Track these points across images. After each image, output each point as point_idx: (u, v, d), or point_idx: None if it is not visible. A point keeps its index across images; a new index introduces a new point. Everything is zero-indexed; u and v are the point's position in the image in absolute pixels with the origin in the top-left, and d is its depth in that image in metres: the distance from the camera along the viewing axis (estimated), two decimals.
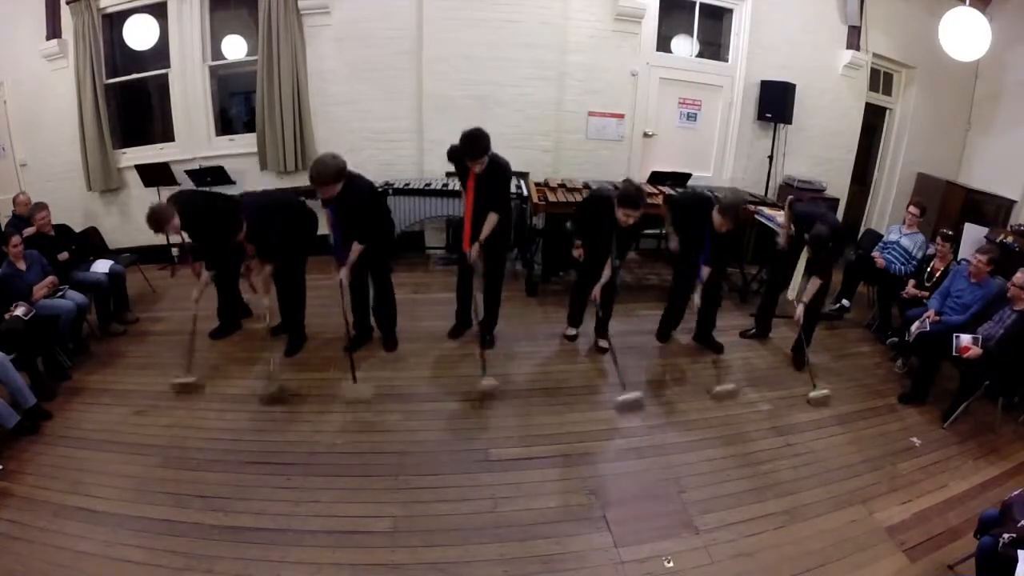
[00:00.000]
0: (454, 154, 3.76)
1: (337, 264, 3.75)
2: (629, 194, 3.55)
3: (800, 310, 3.96)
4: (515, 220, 5.42)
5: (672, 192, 4.88)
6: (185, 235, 3.88)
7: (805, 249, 4.04)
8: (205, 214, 3.80)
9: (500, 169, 3.71)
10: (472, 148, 3.53)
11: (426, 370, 3.95)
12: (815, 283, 3.95)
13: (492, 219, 3.76)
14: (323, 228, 4.43)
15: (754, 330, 4.63)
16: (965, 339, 3.64)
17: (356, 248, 3.67)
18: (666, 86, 6.24)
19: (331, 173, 3.37)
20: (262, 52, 5.45)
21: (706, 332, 4.37)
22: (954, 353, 3.65)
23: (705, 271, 3.99)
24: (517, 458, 3.14)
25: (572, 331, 4.45)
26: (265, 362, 3.89)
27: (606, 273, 3.86)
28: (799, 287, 4.16)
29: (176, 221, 3.63)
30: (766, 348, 4.47)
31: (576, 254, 4.01)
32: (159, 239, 5.59)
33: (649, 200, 5.14)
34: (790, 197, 4.57)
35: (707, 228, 3.84)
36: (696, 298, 4.01)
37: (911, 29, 6.34)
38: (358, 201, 3.59)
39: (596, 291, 3.91)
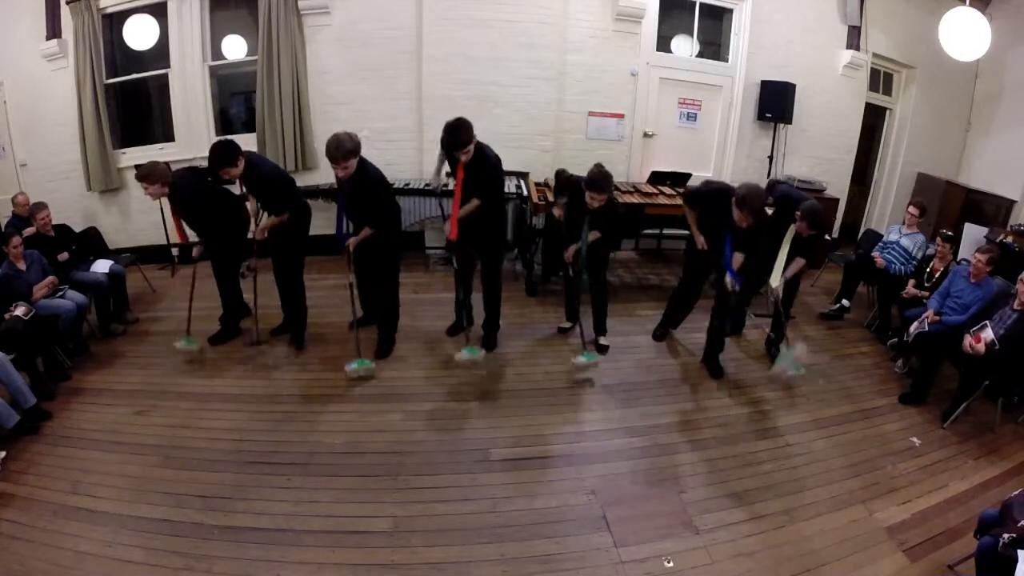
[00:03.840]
0: (443, 144, 3.79)
1: (345, 255, 3.81)
2: (594, 178, 3.64)
3: (779, 284, 3.91)
4: (515, 220, 5.44)
5: (683, 190, 4.71)
6: (165, 202, 3.96)
7: (790, 230, 3.91)
8: (204, 199, 3.87)
9: (485, 157, 3.73)
10: (455, 138, 3.58)
11: (426, 370, 3.95)
12: (799, 262, 3.92)
13: (473, 203, 3.78)
14: (324, 228, 4.47)
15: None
16: (988, 334, 3.57)
17: (366, 229, 3.72)
18: (666, 86, 6.24)
19: (350, 148, 3.46)
20: (262, 52, 5.45)
21: (712, 355, 4.09)
22: (968, 334, 3.62)
23: (733, 271, 3.72)
24: (517, 458, 3.14)
25: (566, 324, 4.49)
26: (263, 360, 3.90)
27: (579, 244, 3.91)
28: (782, 270, 4.02)
29: (161, 188, 3.75)
30: (760, 348, 4.46)
31: (556, 213, 4.14)
32: (159, 239, 5.65)
33: (650, 200, 5.20)
34: (769, 180, 4.49)
35: (728, 224, 3.61)
36: (729, 283, 3.75)
37: (911, 29, 6.35)
38: (371, 183, 3.65)
39: (569, 252, 3.98)
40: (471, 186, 3.74)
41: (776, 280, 4.06)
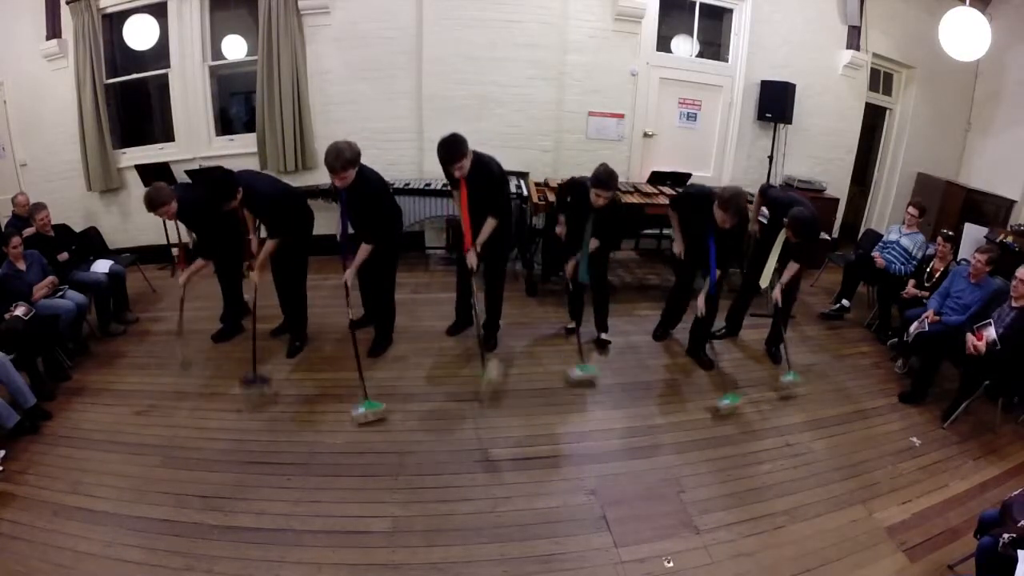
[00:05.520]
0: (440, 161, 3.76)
1: (343, 261, 3.73)
2: (599, 176, 3.66)
3: (778, 292, 3.94)
4: (515, 220, 5.43)
5: (674, 192, 4.80)
6: (181, 225, 3.92)
7: (780, 235, 3.91)
8: (206, 210, 3.79)
9: (485, 166, 3.70)
10: (448, 153, 3.53)
11: (426, 370, 3.95)
12: (792, 267, 3.93)
13: (491, 223, 3.76)
14: (325, 228, 4.47)
15: (724, 329, 4.56)
16: (991, 332, 3.58)
17: (364, 249, 3.65)
18: (666, 86, 6.24)
19: (349, 158, 3.38)
20: (262, 52, 5.45)
21: (698, 347, 4.21)
22: (971, 332, 3.62)
23: (716, 275, 3.83)
24: (517, 458, 3.14)
25: (571, 324, 4.48)
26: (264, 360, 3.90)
27: (583, 250, 3.94)
28: (771, 275, 4.05)
29: (172, 207, 3.71)
30: (760, 348, 4.46)
31: (558, 231, 4.11)
32: (159, 239, 5.65)
33: (650, 200, 5.20)
34: (762, 184, 4.53)
35: (711, 227, 3.73)
36: (700, 304, 3.91)
37: (911, 29, 6.35)
38: (371, 191, 3.60)
39: (569, 266, 4.03)
40: (479, 200, 3.72)
41: (765, 282, 4.08)
